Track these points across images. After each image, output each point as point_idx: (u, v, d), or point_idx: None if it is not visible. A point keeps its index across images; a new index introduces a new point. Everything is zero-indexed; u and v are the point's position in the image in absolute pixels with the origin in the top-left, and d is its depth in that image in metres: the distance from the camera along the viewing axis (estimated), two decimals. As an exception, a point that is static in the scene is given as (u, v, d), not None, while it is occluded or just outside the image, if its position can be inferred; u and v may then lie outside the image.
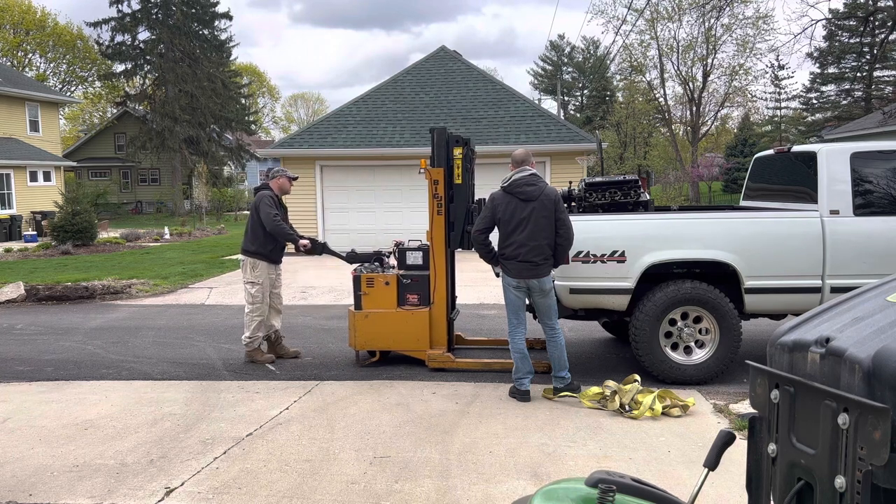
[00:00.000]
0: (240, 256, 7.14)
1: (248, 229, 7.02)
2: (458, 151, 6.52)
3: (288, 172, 7.20)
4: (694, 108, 34.85)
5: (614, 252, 5.83)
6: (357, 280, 6.74)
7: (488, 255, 5.72)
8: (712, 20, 30.53)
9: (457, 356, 6.70)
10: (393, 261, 7.03)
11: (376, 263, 6.98)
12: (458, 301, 10.52)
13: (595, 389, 5.44)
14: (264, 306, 6.97)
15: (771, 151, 7.27)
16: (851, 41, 39.20)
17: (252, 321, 6.95)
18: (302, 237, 7.07)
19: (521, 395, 5.58)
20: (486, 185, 9.56)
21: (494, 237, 5.66)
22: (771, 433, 1.65)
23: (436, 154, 6.57)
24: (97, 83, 50.85)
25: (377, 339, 6.71)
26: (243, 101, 45.47)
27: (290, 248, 7.23)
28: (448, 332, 6.80)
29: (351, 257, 7.17)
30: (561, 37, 63.16)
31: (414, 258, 6.78)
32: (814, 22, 24.50)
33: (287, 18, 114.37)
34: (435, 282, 6.61)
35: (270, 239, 6.92)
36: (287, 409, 5.46)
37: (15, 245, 21.44)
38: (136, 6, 38.78)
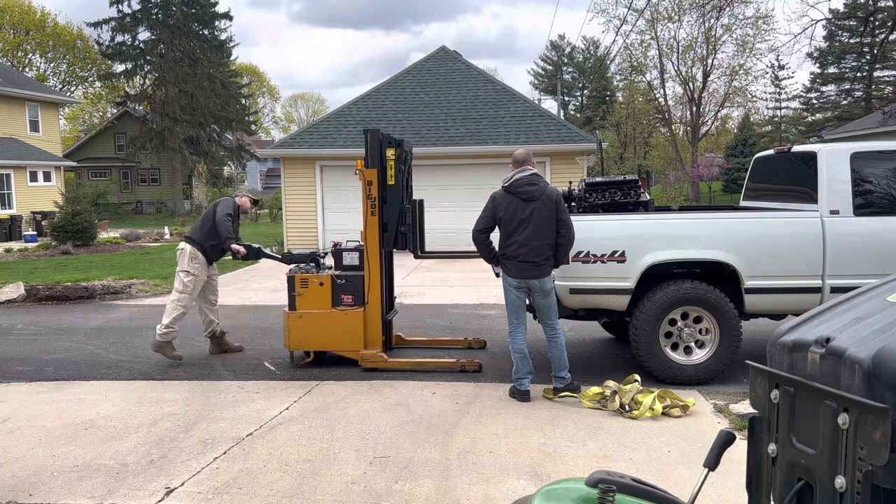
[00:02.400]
0: (181, 244, 7.17)
1: (200, 219, 7.27)
2: (390, 153, 6.58)
3: (251, 196, 7.74)
4: (694, 108, 34.82)
5: (614, 252, 5.82)
6: (291, 281, 6.75)
7: (489, 255, 5.72)
8: (712, 20, 30.51)
9: (393, 356, 6.71)
10: (330, 261, 7.06)
11: (312, 264, 7.02)
12: (458, 301, 10.58)
13: (595, 389, 5.44)
14: (191, 299, 7.05)
15: (771, 151, 7.27)
16: (851, 41, 39.21)
17: (175, 310, 6.94)
18: (239, 242, 7.19)
19: (521, 395, 5.58)
20: (487, 185, 9.60)
21: (495, 237, 5.67)
22: (771, 433, 1.65)
23: (369, 155, 6.61)
24: (97, 83, 50.84)
25: (311, 340, 6.70)
26: (243, 101, 45.44)
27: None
28: (384, 333, 6.81)
29: (287, 258, 7.27)
30: (561, 37, 63.17)
31: (350, 259, 6.80)
32: (814, 22, 24.48)
33: (286, 18, 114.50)
34: (369, 282, 6.62)
35: (213, 235, 7.05)
36: (287, 409, 5.46)
37: (15, 245, 21.44)
38: (136, 6, 38.82)
